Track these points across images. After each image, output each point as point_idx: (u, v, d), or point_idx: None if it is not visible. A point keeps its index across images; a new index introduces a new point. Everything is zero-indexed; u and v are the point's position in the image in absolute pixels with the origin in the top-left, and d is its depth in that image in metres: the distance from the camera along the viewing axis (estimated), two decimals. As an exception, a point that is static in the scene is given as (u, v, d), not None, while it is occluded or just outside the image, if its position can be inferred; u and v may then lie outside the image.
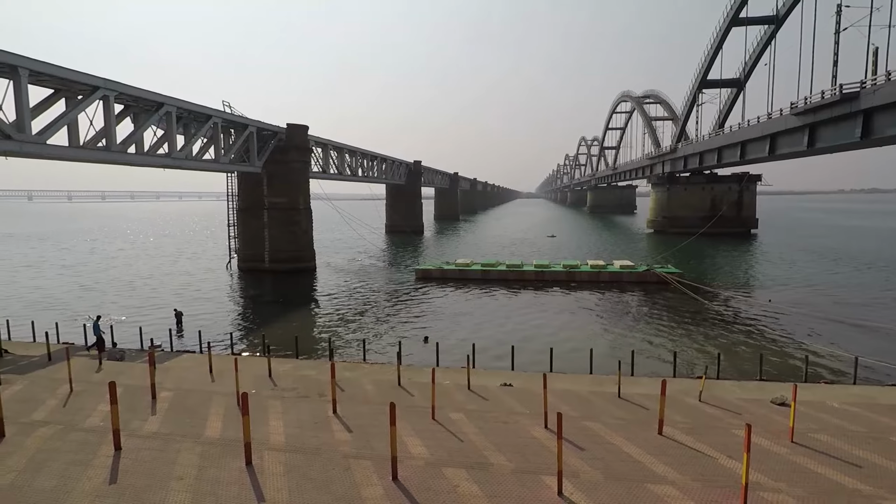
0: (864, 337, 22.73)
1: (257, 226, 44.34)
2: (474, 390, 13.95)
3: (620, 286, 35.35)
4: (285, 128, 45.35)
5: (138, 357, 18.34)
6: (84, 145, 28.25)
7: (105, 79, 28.15)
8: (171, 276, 42.67)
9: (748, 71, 70.97)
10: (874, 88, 35.68)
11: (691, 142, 77.40)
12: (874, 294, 33.07)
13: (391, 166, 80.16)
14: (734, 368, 18.23)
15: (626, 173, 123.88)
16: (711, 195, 79.22)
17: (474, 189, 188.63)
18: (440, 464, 9.26)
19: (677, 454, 9.65)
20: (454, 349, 20.25)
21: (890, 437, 10.33)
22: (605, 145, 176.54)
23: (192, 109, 35.39)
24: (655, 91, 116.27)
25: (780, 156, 54.19)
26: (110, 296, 34.24)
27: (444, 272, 39.25)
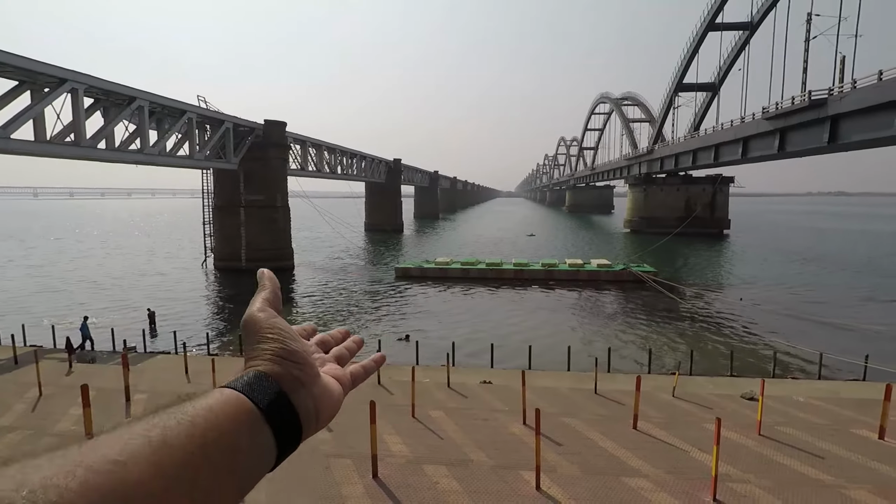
0: (829, 334, 23.56)
1: (233, 224, 43.63)
2: (454, 388, 14.06)
3: (598, 284, 35.88)
4: (263, 124, 44.76)
5: (111, 359, 17.95)
6: (51, 140, 27.41)
7: (74, 71, 27.36)
8: (144, 276, 41.78)
9: (723, 75, 72.75)
10: (841, 96, 36.97)
11: (667, 144, 78.96)
12: (838, 293, 34.27)
13: (371, 164, 79.77)
14: (706, 364, 18.72)
15: (605, 174, 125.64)
16: (686, 196, 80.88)
17: (454, 188, 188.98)
18: (420, 461, 9.33)
19: (651, 448, 9.91)
20: (434, 347, 20.33)
21: (851, 430, 10.78)
22: (583, 146, 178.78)
23: (166, 104, 34.66)
24: (633, 93, 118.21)
25: (752, 159, 55.72)
26: (79, 296, 33.37)
27: (423, 271, 39.27)
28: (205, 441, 0.48)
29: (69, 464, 0.39)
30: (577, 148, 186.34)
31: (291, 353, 0.65)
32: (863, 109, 34.44)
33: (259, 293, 0.72)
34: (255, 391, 0.57)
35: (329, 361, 0.79)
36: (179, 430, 0.47)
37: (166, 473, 0.43)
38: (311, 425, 0.63)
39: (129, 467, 0.41)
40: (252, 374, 0.60)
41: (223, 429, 0.50)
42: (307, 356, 0.67)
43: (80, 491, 0.37)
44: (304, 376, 0.64)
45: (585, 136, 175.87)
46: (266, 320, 0.67)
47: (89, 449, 0.41)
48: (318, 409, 0.65)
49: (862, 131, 35.95)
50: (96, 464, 0.40)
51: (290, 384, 0.62)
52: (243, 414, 0.54)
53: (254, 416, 0.54)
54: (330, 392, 0.69)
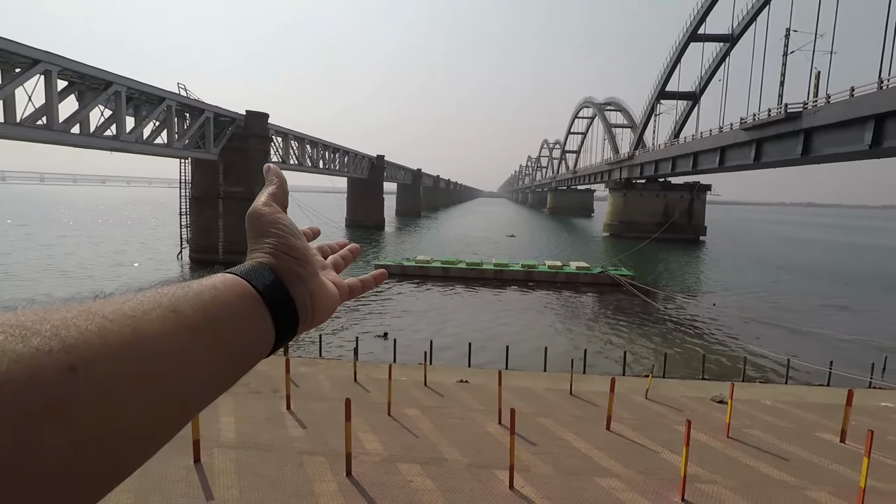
0: (797, 340, 24.24)
1: (211, 215, 42.86)
2: (431, 387, 14.06)
3: (576, 286, 36.29)
4: (244, 115, 44.10)
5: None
6: (21, 122, 26.58)
7: (47, 52, 26.56)
8: (118, 267, 40.80)
9: (703, 85, 74.23)
10: (815, 110, 38.08)
11: (648, 150, 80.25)
12: (807, 301, 35.28)
13: (354, 159, 79.25)
14: (679, 367, 19.10)
15: (586, 177, 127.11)
16: (665, 202, 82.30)
17: (437, 186, 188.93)
18: (395, 459, 9.32)
19: (624, 449, 10.07)
20: (412, 346, 20.31)
21: (814, 433, 11.11)
22: (566, 149, 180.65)
23: (144, 90, 33.88)
24: (616, 99, 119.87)
25: (729, 167, 57.03)
26: (46, 287, 32.43)
27: (403, 268, 39.17)
28: (210, 315, 0.50)
29: (87, 310, 0.41)
30: (560, 151, 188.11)
31: (292, 249, 0.65)
32: (835, 124, 35.53)
33: (266, 188, 0.72)
34: (253, 278, 0.58)
35: (327, 267, 0.79)
36: (187, 301, 0.49)
37: (176, 335, 0.45)
38: (306, 317, 0.64)
39: (142, 322, 0.43)
40: (252, 264, 0.61)
41: (227, 305, 0.52)
42: (308, 253, 0.68)
43: (98, 332, 0.40)
44: (303, 272, 0.65)
45: (568, 139, 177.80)
46: (270, 215, 0.67)
47: (105, 303, 0.43)
48: (314, 305, 0.65)
49: (834, 145, 37.08)
50: (112, 314, 0.42)
51: (289, 277, 0.63)
52: (245, 295, 0.56)
53: (254, 299, 0.56)
54: (327, 292, 0.69)
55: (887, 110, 30.42)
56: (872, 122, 31.94)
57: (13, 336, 0.35)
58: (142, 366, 0.41)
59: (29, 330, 0.37)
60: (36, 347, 0.36)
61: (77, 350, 0.38)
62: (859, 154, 36.55)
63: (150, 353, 0.42)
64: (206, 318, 0.49)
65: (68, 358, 0.37)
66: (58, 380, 0.35)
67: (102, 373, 0.38)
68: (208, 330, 0.49)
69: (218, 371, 0.50)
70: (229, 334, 0.52)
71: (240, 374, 0.54)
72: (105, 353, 0.39)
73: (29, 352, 0.35)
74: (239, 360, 0.53)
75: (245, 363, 0.54)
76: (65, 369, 0.36)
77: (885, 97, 30.73)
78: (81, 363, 0.37)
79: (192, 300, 0.50)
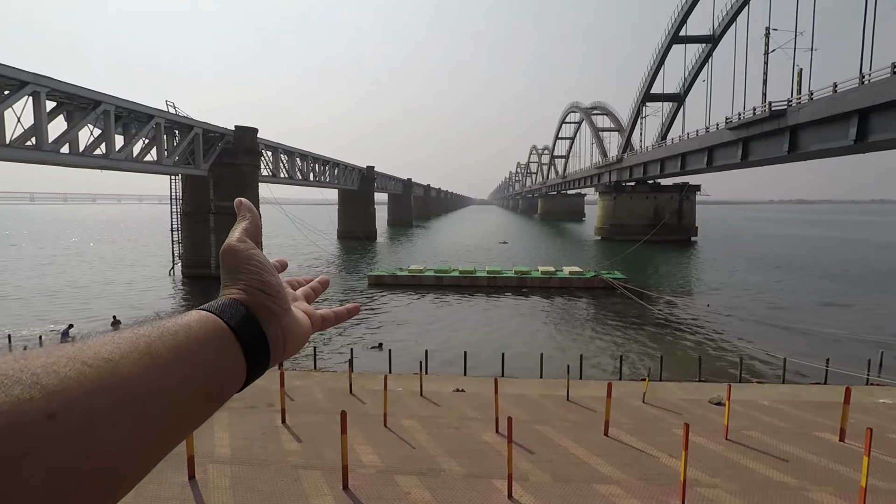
0: (792, 339, 24.32)
1: (203, 230, 42.63)
2: (427, 396, 13.95)
3: (570, 291, 36.30)
4: (233, 130, 44.02)
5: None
6: (11, 143, 26.38)
7: (35, 74, 26.43)
8: (110, 284, 40.40)
9: (688, 86, 74.96)
10: (798, 107, 38.50)
11: (636, 152, 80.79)
12: (800, 298, 35.50)
13: (344, 171, 79.21)
14: (675, 370, 19.08)
15: (575, 182, 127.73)
16: (655, 204, 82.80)
17: (428, 195, 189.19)
18: (392, 471, 9.20)
19: (622, 454, 10.00)
20: (407, 355, 20.17)
21: (813, 433, 11.10)
22: (555, 154, 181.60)
23: (133, 108, 33.73)
24: (603, 103, 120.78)
25: (717, 167, 57.48)
26: (38, 306, 32.03)
27: (396, 278, 39.07)
28: (184, 354, 0.52)
29: (66, 356, 0.43)
30: (549, 156, 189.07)
31: (266, 285, 0.67)
32: (820, 120, 35.91)
33: (239, 223, 0.73)
34: (226, 314, 0.60)
35: (299, 298, 0.80)
36: (162, 341, 0.51)
37: (152, 376, 0.47)
38: (278, 351, 0.65)
39: (119, 366, 0.45)
40: (225, 300, 0.63)
41: (201, 343, 0.54)
42: (281, 289, 0.69)
43: (76, 378, 0.41)
44: (275, 307, 0.66)
45: (556, 144, 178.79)
46: (244, 251, 0.69)
47: (83, 346, 0.45)
48: (286, 338, 0.67)
49: (819, 141, 37.47)
50: (90, 359, 0.44)
51: (262, 312, 0.64)
52: (218, 332, 0.57)
53: (227, 336, 0.58)
54: (299, 324, 0.71)
55: (870, 105, 30.74)
56: (856, 117, 32.28)
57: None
58: (118, 410, 0.43)
59: (10, 378, 0.38)
60: (17, 396, 0.37)
61: (56, 397, 0.39)
62: (845, 149, 36.89)
63: (127, 396, 0.44)
64: (179, 357, 0.51)
65: (48, 405, 0.38)
66: (38, 427, 0.37)
67: (80, 418, 0.40)
68: (182, 369, 0.51)
69: (192, 407, 0.52)
70: (202, 372, 0.53)
71: (214, 409, 0.56)
72: (83, 398, 0.41)
73: (10, 401, 0.37)
74: (212, 396, 0.55)
75: (219, 398, 0.56)
76: (44, 417, 0.38)
77: (867, 92, 31.09)
78: (60, 410, 0.39)
79: (167, 340, 0.51)
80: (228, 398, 0.58)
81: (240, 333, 0.59)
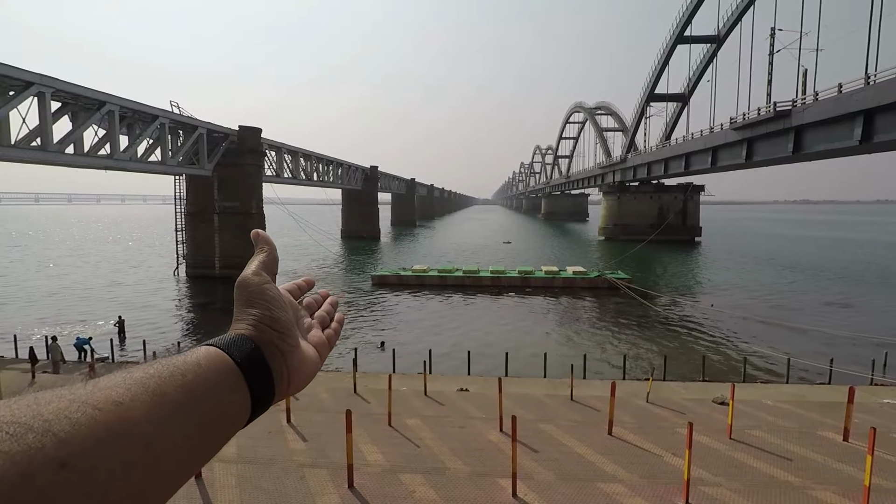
0: (796, 338, 24.27)
1: (207, 230, 42.84)
2: (431, 396, 14.01)
3: (573, 291, 36.29)
4: (237, 130, 44.17)
5: (76, 369, 17.37)
6: (16, 144, 26.57)
7: (41, 74, 26.60)
8: (114, 284, 40.62)
9: (692, 86, 74.79)
10: (804, 107, 38.36)
11: (640, 153, 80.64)
12: (805, 298, 35.38)
13: (347, 171, 79.36)
14: (679, 370, 19.07)
15: (579, 181, 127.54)
16: (659, 204, 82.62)
17: (431, 195, 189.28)
18: (396, 470, 9.26)
19: (626, 453, 10.03)
20: (411, 355, 20.23)
21: (817, 432, 11.10)
22: (558, 154, 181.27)
23: (137, 109, 33.90)
24: (607, 103, 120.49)
25: (721, 167, 57.32)
26: (43, 305, 32.25)
27: (400, 278, 39.14)
28: (193, 394, 0.53)
29: (78, 400, 0.44)
30: (553, 156, 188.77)
31: (275, 321, 0.68)
32: (825, 120, 35.78)
33: (256, 256, 0.75)
34: (234, 351, 0.61)
35: (315, 327, 0.82)
36: (172, 381, 0.52)
37: (161, 418, 0.48)
38: (282, 389, 0.66)
39: (129, 410, 0.46)
40: (234, 336, 0.64)
41: (209, 384, 0.55)
42: (290, 326, 0.70)
43: (88, 424, 0.42)
44: (283, 345, 0.67)
45: (560, 144, 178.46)
46: (258, 285, 0.70)
47: (94, 389, 0.46)
48: (291, 376, 0.68)
49: (824, 141, 37.33)
50: (101, 403, 0.45)
51: (269, 350, 0.65)
52: (226, 371, 0.58)
53: (234, 374, 0.59)
54: (306, 363, 0.72)
55: (876, 105, 30.63)
56: (861, 118, 32.17)
57: (8, 434, 0.38)
58: (129, 455, 0.44)
59: (23, 426, 0.39)
60: (29, 445, 0.38)
61: (67, 446, 0.40)
62: (850, 150, 36.75)
63: (137, 441, 0.45)
64: (189, 397, 0.52)
65: (58, 455, 0.39)
66: (49, 476, 0.38)
67: (91, 465, 0.41)
68: (192, 409, 0.52)
69: (201, 445, 0.53)
70: (211, 411, 0.54)
71: (221, 445, 0.57)
72: (94, 446, 0.42)
73: (22, 450, 0.38)
74: (220, 434, 0.56)
75: (226, 435, 0.57)
76: (56, 466, 0.39)
77: (872, 92, 30.97)
78: (71, 458, 0.40)
79: (177, 381, 0.52)
80: (234, 433, 0.59)
81: (246, 371, 0.60)
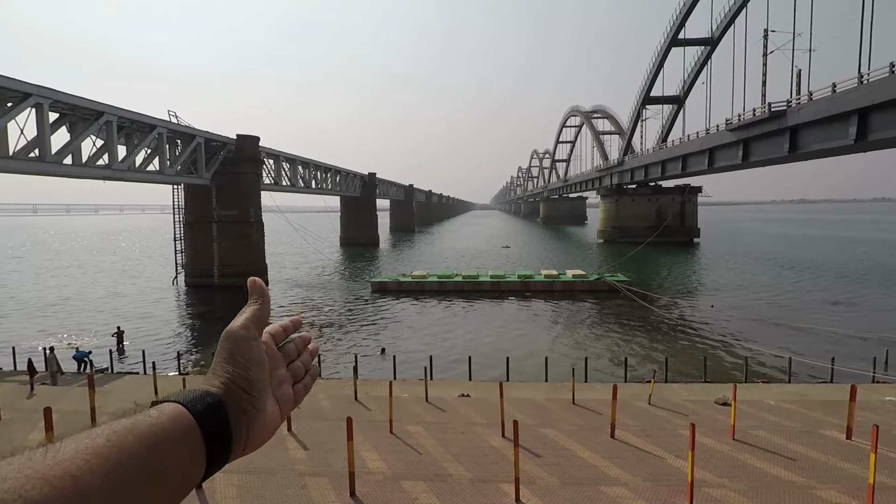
0: (797, 338, 24.25)
1: (206, 239, 42.80)
2: (432, 402, 13.95)
3: (573, 294, 36.26)
4: (235, 139, 44.23)
5: (75, 381, 17.28)
6: (14, 155, 26.58)
7: (38, 85, 26.66)
8: (113, 294, 40.53)
9: (687, 88, 75.04)
10: (798, 107, 38.49)
11: (637, 155, 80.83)
12: (804, 298, 35.38)
13: (345, 178, 79.45)
14: (681, 371, 19.03)
15: (577, 185, 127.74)
16: (657, 206, 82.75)
17: (430, 201, 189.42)
18: (398, 477, 9.20)
19: (629, 456, 9.98)
20: (412, 361, 20.18)
21: (820, 431, 11.06)
22: (556, 158, 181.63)
23: (135, 119, 33.97)
24: (603, 106, 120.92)
25: (718, 168, 57.42)
26: (40, 316, 32.14)
27: (400, 284, 39.10)
28: (154, 456, 0.54)
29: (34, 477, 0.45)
30: (550, 160, 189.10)
31: (249, 384, 0.69)
32: (820, 120, 35.89)
33: (249, 307, 0.77)
34: (203, 413, 0.62)
35: (286, 381, 0.81)
36: (133, 446, 0.53)
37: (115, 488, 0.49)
38: (238, 452, 0.68)
39: (85, 484, 0.47)
40: (203, 392, 0.65)
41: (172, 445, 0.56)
42: (263, 389, 0.71)
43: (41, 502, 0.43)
44: (251, 410, 0.69)
45: (557, 148, 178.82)
46: (244, 340, 0.71)
47: (53, 463, 0.47)
48: (248, 439, 0.69)
49: (820, 141, 37.44)
50: (57, 480, 0.46)
51: (235, 413, 0.67)
52: (189, 432, 0.59)
53: (197, 437, 0.60)
54: (266, 426, 0.72)
55: (870, 104, 30.76)
56: (856, 117, 32.29)
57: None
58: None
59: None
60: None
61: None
62: (845, 148, 36.84)
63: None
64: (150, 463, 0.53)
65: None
66: None
67: None
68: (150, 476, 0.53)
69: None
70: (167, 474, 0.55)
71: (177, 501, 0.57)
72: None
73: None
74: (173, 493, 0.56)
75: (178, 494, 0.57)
76: None
77: (866, 91, 31.11)
78: None
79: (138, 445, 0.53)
80: (190, 489, 0.60)
81: (207, 432, 0.61)
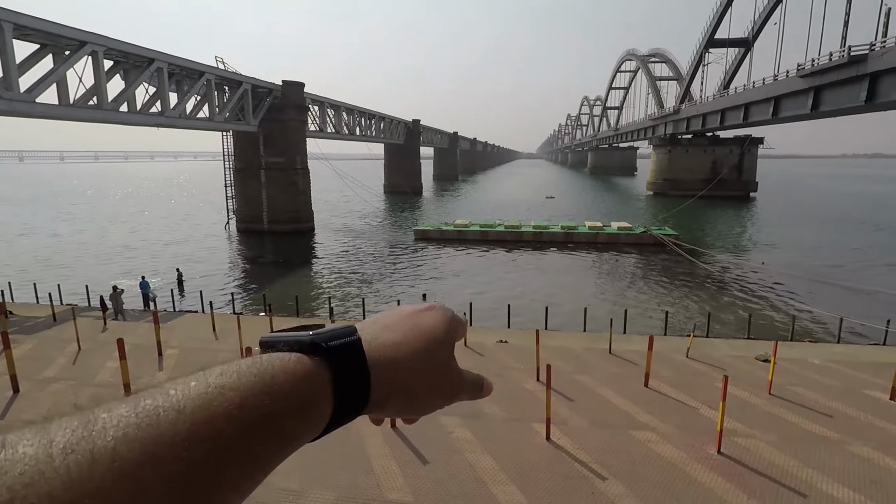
0: (852, 299, 23.25)
1: (255, 186, 44.22)
2: (471, 347, 14.42)
3: (617, 247, 35.70)
4: (280, 85, 44.59)
5: (142, 317, 18.79)
6: (74, 103, 27.88)
7: (93, 33, 27.51)
8: (171, 238, 42.92)
9: (757, 30, 69.26)
10: (883, 51, 35.09)
11: (695, 103, 76.32)
12: (864, 258, 33.50)
13: (389, 125, 79.14)
14: (724, 327, 18.75)
15: (628, 134, 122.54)
16: (712, 158, 78.65)
17: (474, 149, 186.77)
18: (436, 413, 9.76)
19: (661, 404, 10.16)
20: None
21: (863, 391, 10.85)
22: (607, 105, 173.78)
23: (184, 66, 34.73)
24: (661, 50, 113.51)
25: (783, 118, 53.71)
26: (106, 260, 34.57)
27: (442, 233, 39.50)
28: (277, 399, 0.46)
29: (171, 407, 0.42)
30: (601, 108, 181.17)
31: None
32: (905, 65, 32.72)
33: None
34: (331, 341, 0.52)
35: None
36: (256, 382, 0.47)
37: (240, 419, 0.43)
38: (379, 400, 0.54)
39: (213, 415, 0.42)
40: (345, 328, 0.54)
41: (298, 392, 0.48)
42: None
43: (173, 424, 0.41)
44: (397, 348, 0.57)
45: (610, 95, 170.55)
46: (462, 323, 0.66)
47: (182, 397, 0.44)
48: (397, 389, 0.55)
49: (903, 89, 34.26)
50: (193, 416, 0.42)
51: (377, 349, 0.55)
52: (319, 388, 0.50)
53: (322, 380, 0.50)
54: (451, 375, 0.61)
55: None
56: (948, 62, 29.26)
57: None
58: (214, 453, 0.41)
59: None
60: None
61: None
62: (931, 98, 33.67)
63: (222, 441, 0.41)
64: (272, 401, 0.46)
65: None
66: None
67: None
68: (274, 415, 0.45)
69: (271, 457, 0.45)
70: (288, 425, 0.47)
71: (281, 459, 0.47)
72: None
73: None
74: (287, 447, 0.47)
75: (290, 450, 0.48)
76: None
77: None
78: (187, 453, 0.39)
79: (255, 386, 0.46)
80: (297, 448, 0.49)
81: (337, 372, 0.51)
